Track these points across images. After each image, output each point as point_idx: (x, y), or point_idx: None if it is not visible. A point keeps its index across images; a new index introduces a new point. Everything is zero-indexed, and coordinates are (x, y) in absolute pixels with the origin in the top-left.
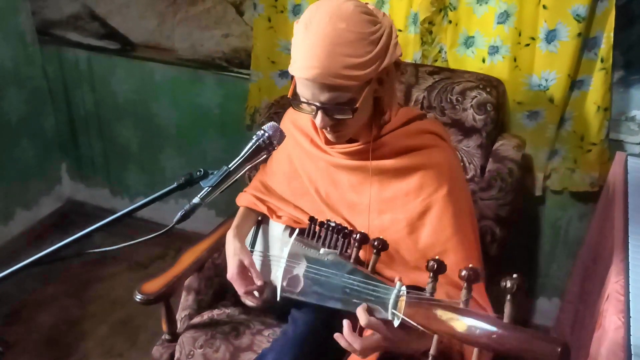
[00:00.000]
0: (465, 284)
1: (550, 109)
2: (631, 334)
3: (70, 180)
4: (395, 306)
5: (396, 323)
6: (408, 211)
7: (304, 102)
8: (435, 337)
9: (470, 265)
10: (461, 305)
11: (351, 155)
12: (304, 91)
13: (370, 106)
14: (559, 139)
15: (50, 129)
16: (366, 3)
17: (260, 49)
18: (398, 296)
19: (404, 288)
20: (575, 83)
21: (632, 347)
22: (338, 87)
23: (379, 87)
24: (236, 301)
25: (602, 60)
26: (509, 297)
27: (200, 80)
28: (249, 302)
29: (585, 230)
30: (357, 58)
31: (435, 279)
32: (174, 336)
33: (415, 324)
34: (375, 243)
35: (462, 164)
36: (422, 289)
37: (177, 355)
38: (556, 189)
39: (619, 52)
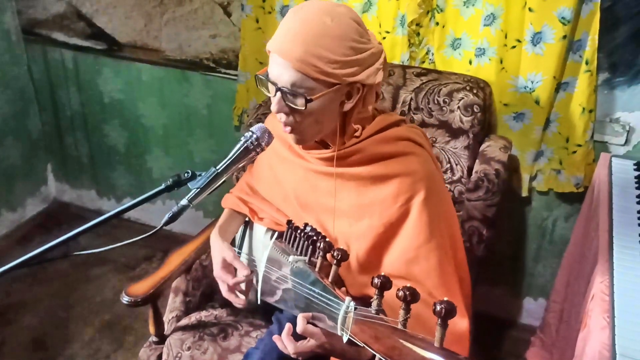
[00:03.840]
0: (403, 305)
1: (536, 111)
2: (616, 333)
3: (56, 181)
4: (344, 322)
5: (345, 339)
6: (385, 217)
7: (267, 80)
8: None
9: (407, 286)
10: (399, 326)
11: (325, 161)
12: (272, 67)
13: (334, 116)
14: (545, 140)
15: (36, 130)
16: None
17: (248, 50)
18: (346, 312)
19: (352, 304)
20: (561, 85)
21: (617, 346)
22: (301, 72)
23: (346, 100)
24: (224, 302)
25: (587, 63)
26: (439, 321)
27: (188, 80)
28: (233, 301)
29: (570, 231)
30: (329, 53)
31: (380, 296)
32: (162, 338)
33: (359, 342)
34: (335, 254)
35: (449, 165)
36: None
37: (164, 357)
38: (542, 190)
39: (604, 54)
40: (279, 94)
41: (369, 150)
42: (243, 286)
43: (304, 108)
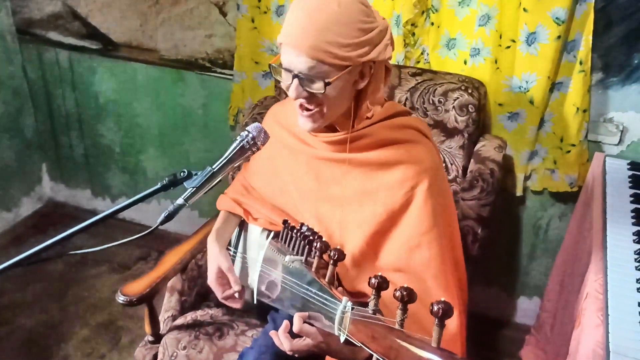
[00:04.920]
0: (400, 305)
1: (530, 111)
2: (610, 331)
3: (51, 181)
4: (341, 322)
5: (342, 339)
6: (389, 204)
7: (282, 69)
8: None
9: (404, 286)
10: (396, 326)
11: (333, 144)
12: (285, 57)
13: (349, 96)
14: (539, 140)
15: (31, 129)
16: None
17: (243, 50)
18: (344, 312)
19: (349, 304)
20: (555, 85)
21: (610, 344)
22: (316, 59)
23: (360, 79)
24: (219, 302)
25: (581, 63)
26: (436, 321)
27: (183, 80)
28: (229, 304)
29: (564, 230)
30: (341, 37)
31: (377, 296)
32: (157, 338)
33: (357, 342)
34: (332, 253)
35: (444, 164)
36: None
37: (160, 356)
38: (536, 189)
39: (598, 54)
40: (296, 80)
41: (377, 135)
42: (237, 294)
43: (323, 91)
